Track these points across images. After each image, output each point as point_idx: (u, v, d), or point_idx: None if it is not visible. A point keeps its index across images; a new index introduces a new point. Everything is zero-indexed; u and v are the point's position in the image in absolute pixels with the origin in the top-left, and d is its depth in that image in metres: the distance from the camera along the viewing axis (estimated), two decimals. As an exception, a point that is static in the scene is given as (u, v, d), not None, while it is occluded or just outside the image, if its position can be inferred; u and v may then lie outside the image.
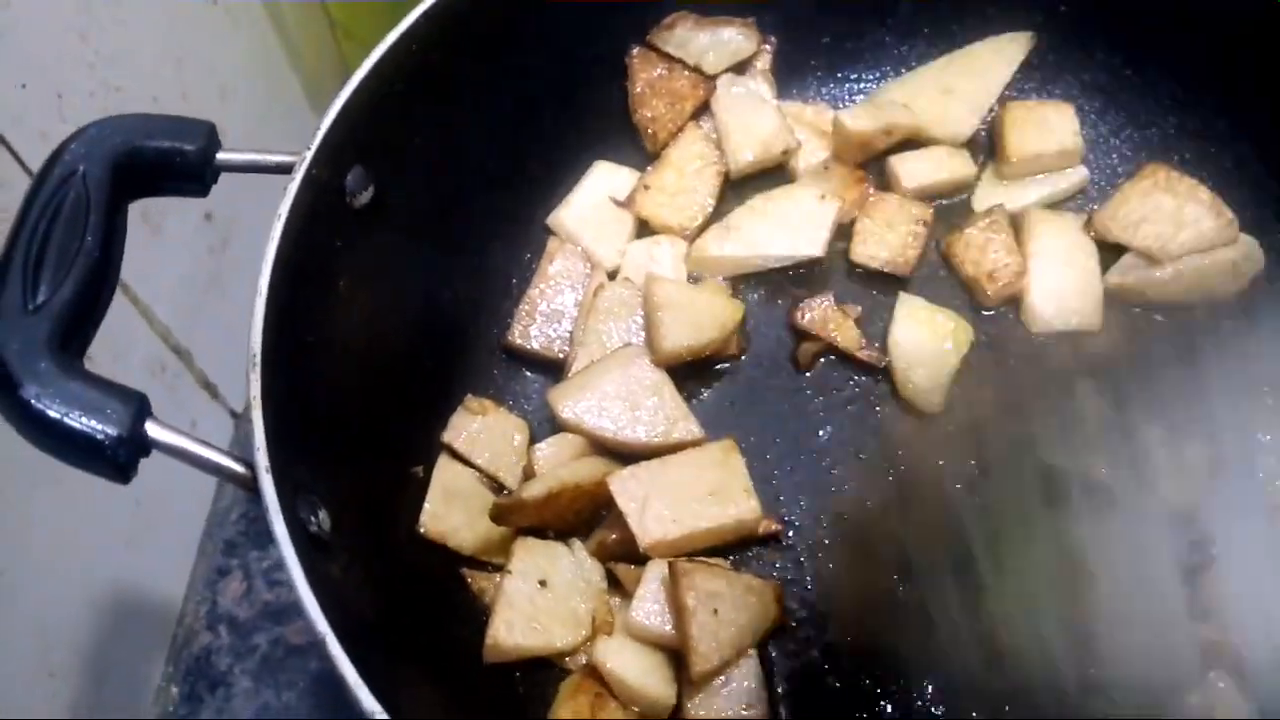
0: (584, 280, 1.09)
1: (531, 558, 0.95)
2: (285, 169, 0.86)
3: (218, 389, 1.27)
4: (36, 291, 0.77)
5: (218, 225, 1.25)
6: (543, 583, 0.93)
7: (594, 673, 0.91)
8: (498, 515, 0.97)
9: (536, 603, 0.93)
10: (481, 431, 1.04)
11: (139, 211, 1.12)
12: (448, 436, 1.03)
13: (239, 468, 0.75)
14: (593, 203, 1.13)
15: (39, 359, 0.75)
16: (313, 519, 0.79)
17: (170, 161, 0.85)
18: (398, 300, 0.99)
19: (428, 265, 1.02)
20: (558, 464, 1.00)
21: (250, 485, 0.75)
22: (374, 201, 0.94)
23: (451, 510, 0.99)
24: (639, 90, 1.12)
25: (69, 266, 0.78)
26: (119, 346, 1.09)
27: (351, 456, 0.89)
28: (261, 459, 0.75)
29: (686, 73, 1.12)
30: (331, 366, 0.90)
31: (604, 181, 1.14)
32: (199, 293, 1.23)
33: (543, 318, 1.08)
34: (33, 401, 0.73)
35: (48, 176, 0.81)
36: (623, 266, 1.10)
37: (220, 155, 0.86)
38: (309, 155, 0.86)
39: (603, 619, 0.93)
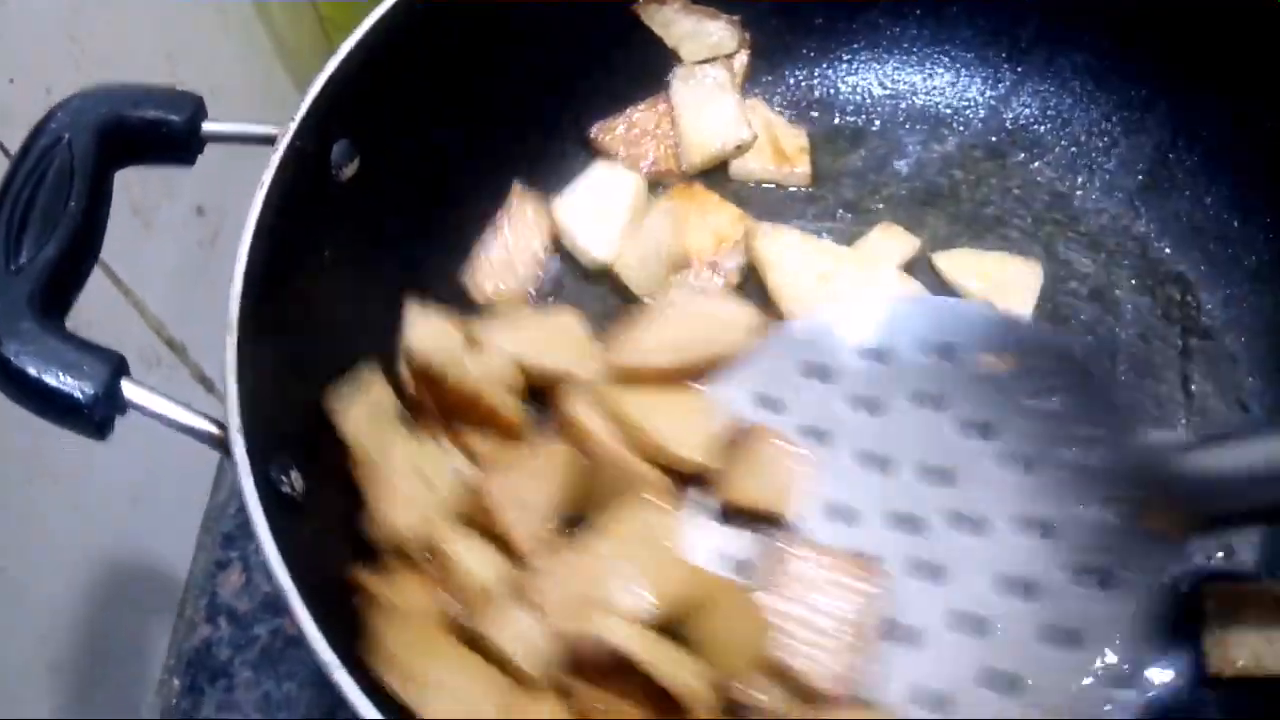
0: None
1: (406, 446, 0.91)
2: (271, 141, 0.87)
3: (213, 383, 1.28)
4: (19, 253, 0.78)
5: (209, 219, 1.26)
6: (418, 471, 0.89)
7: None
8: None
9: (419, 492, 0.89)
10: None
11: (130, 205, 1.14)
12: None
13: (211, 428, 0.76)
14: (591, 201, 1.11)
15: (20, 318, 0.76)
16: (284, 479, 0.79)
17: (156, 131, 0.86)
18: (380, 271, 0.99)
19: (411, 237, 1.02)
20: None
21: (223, 445, 0.75)
22: (360, 174, 0.94)
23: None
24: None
25: (52, 230, 0.79)
26: (112, 340, 1.08)
27: (329, 424, 0.89)
28: (234, 419, 0.75)
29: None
30: (312, 333, 0.90)
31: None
32: (191, 286, 1.24)
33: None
34: (12, 359, 0.74)
35: (33, 144, 0.82)
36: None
37: (206, 126, 0.87)
38: (293, 127, 0.87)
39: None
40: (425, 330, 0.96)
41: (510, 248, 1.08)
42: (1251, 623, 0.87)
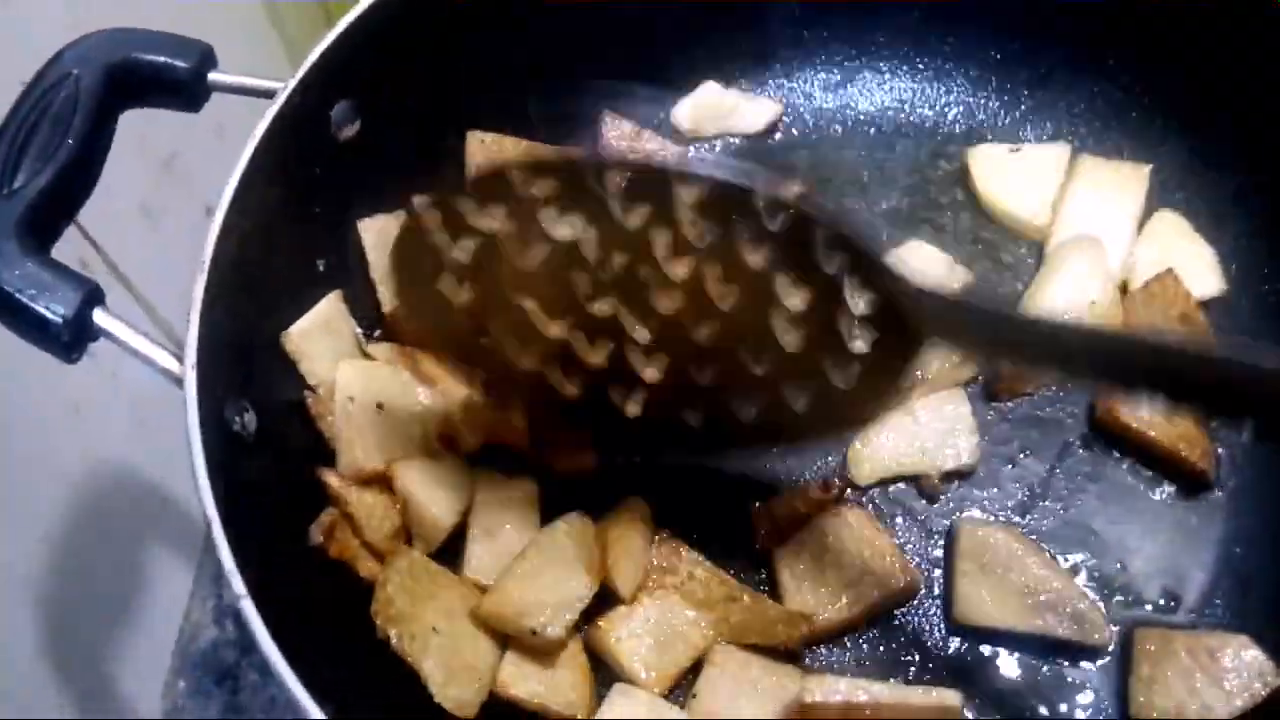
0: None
1: (363, 381, 0.92)
2: (272, 95, 0.90)
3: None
4: (14, 178, 0.83)
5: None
6: (380, 406, 0.92)
7: None
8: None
9: (379, 426, 0.91)
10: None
11: (139, 204, 1.16)
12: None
13: (171, 363, 0.79)
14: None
15: (5, 239, 0.80)
16: (237, 419, 0.83)
17: (163, 75, 0.89)
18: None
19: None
20: None
21: (179, 381, 0.78)
22: (360, 136, 0.97)
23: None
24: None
25: (48, 160, 0.83)
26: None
27: (287, 366, 0.92)
28: (190, 356, 0.78)
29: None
30: (287, 278, 0.93)
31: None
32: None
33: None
34: (-9, 276, 0.78)
35: (44, 77, 0.86)
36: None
37: (212, 75, 0.90)
38: (293, 83, 0.90)
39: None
40: None
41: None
42: (1179, 672, 0.86)
